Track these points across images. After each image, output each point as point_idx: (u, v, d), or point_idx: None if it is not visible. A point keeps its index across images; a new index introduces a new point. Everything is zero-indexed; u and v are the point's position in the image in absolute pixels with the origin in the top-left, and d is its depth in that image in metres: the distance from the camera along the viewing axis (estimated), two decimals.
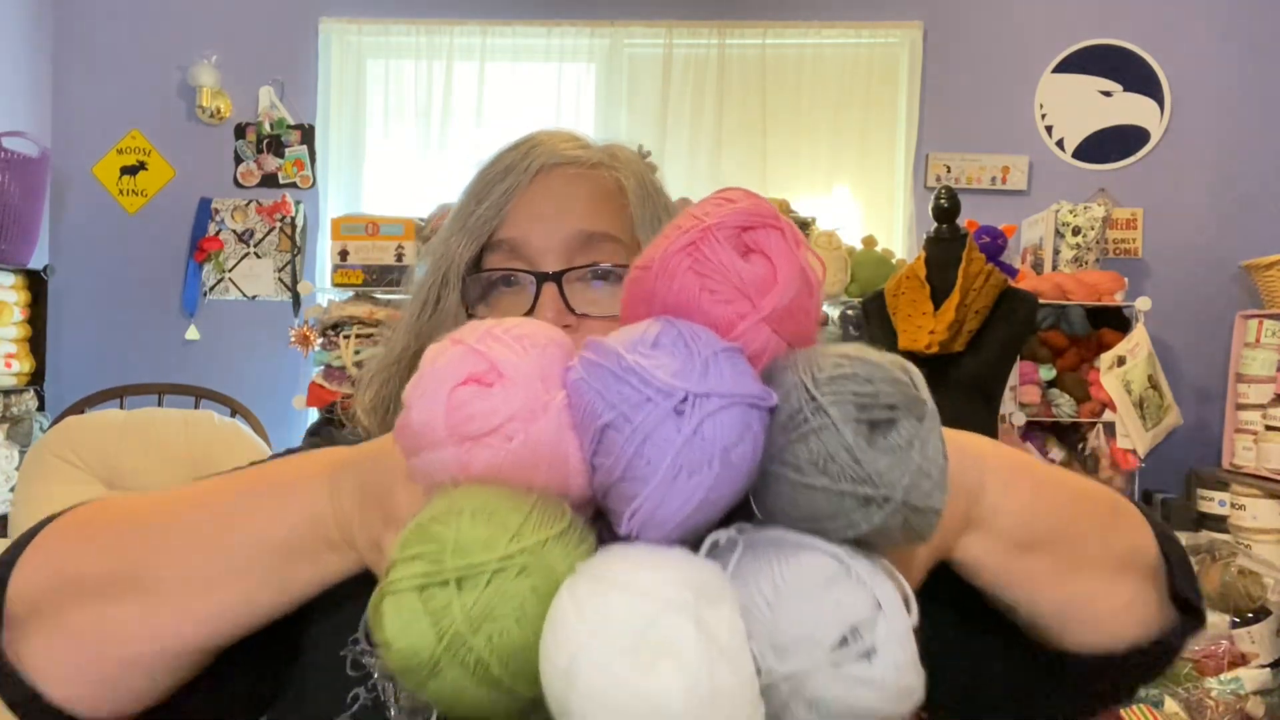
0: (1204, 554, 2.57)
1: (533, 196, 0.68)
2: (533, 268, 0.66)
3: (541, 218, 0.67)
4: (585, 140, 0.73)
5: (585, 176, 0.69)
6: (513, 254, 0.67)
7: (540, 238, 0.66)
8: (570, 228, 0.66)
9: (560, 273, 0.65)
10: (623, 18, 3.46)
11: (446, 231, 0.70)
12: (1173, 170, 3.37)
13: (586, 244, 0.66)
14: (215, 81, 3.45)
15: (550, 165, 0.69)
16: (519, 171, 0.68)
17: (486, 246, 0.67)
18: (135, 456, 2.66)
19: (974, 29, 3.45)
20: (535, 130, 0.73)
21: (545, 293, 0.65)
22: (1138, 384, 2.77)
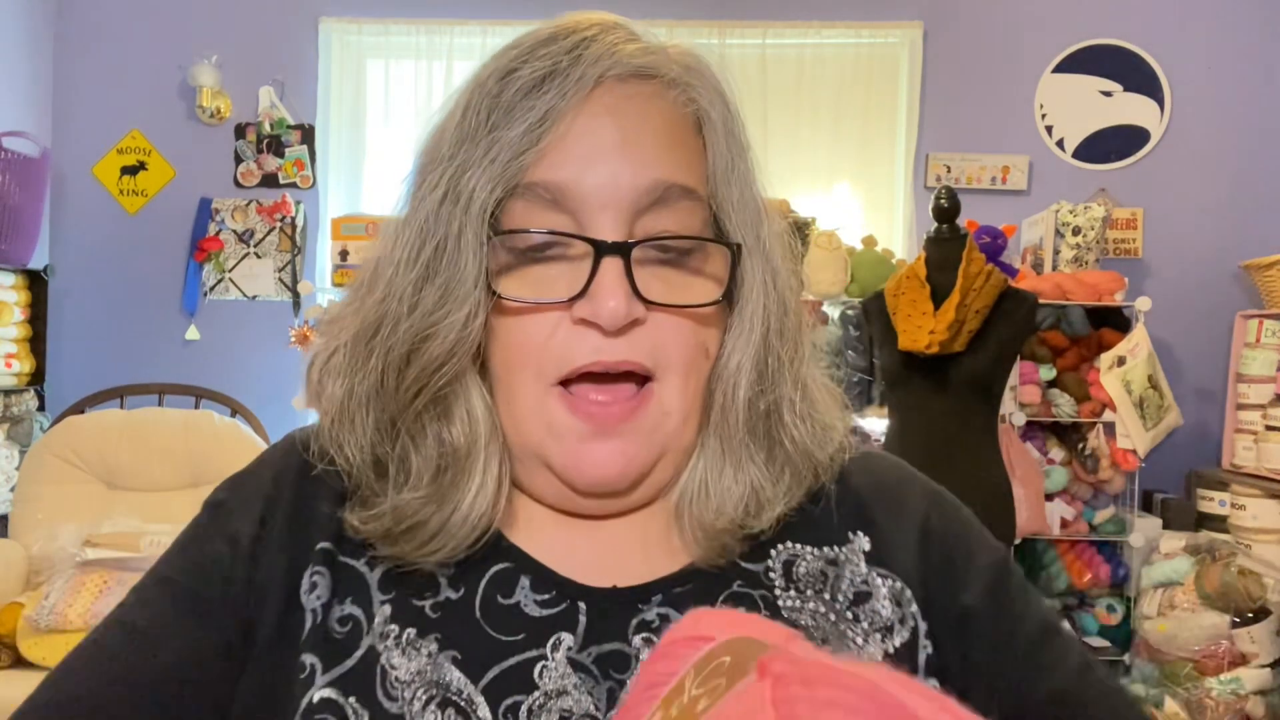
0: (1204, 554, 2.58)
1: (587, 121, 0.47)
2: (582, 228, 0.47)
3: (602, 156, 0.47)
4: (650, 40, 0.52)
5: (656, 98, 0.49)
6: (555, 205, 0.47)
7: (598, 187, 0.47)
8: (643, 176, 0.47)
9: (629, 244, 0.47)
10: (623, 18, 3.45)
11: (445, 155, 0.49)
12: (1173, 170, 3.37)
13: (661, 201, 0.48)
14: (215, 81, 3.45)
15: (613, 77, 0.48)
16: (567, 80, 0.47)
17: (513, 190, 0.48)
18: (135, 456, 2.66)
19: (974, 29, 3.45)
20: (574, 17, 0.52)
21: (606, 270, 0.47)
22: (1138, 384, 2.78)
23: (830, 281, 2.92)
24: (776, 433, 0.53)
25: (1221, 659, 2.42)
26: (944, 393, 2.24)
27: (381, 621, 0.50)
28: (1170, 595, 2.56)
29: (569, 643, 0.49)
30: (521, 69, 0.48)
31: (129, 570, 2.30)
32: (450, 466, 0.50)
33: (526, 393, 0.49)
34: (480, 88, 0.50)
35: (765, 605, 0.52)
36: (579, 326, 0.48)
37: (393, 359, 0.49)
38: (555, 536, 0.53)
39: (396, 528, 0.49)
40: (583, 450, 0.49)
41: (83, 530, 2.40)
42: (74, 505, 2.54)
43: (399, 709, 0.47)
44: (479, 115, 0.48)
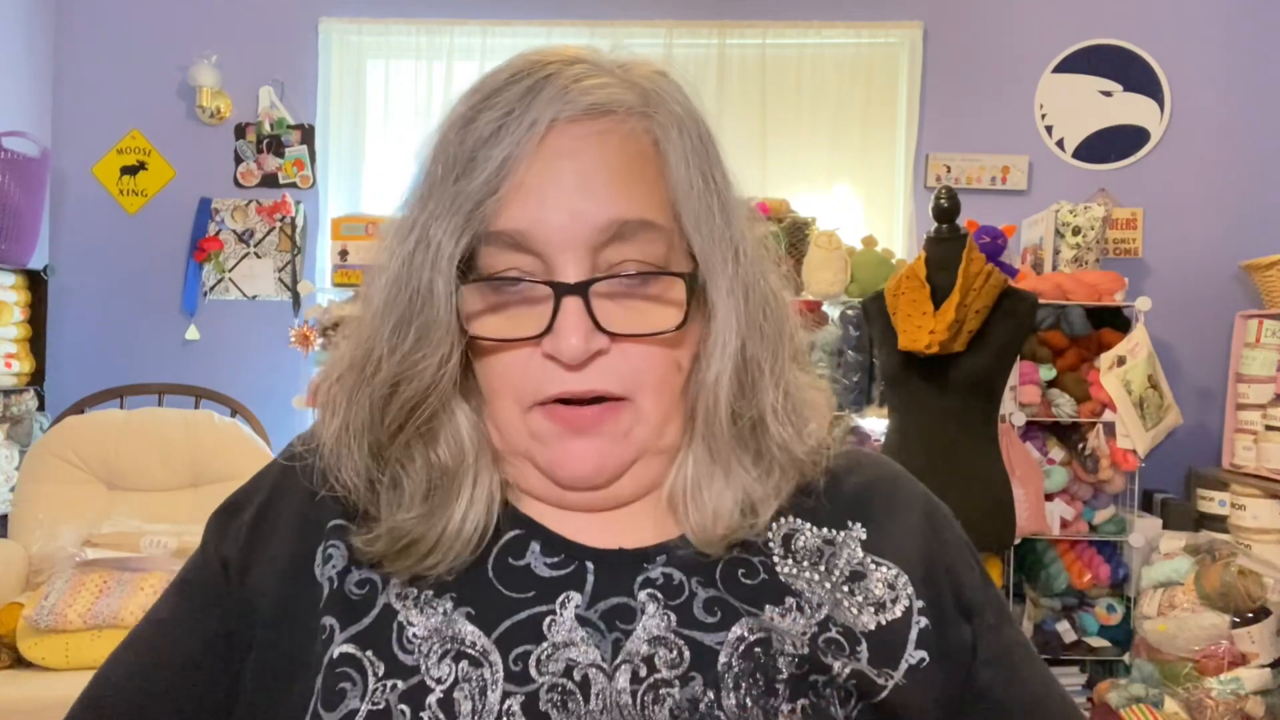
0: (1204, 554, 2.58)
1: (543, 166, 0.49)
2: (546, 270, 0.50)
3: (558, 201, 0.49)
4: (603, 65, 0.52)
5: (610, 132, 0.51)
6: (517, 249, 0.50)
7: (556, 229, 0.49)
8: (597, 215, 0.49)
9: (586, 284, 0.50)
10: (623, 17, 3.46)
11: (417, 207, 0.52)
12: (1173, 170, 3.37)
13: (618, 236, 0.50)
14: (215, 81, 3.45)
15: (564, 119, 0.50)
16: (519, 127, 0.49)
17: (479, 236, 0.50)
18: (135, 456, 2.66)
19: (974, 29, 3.45)
20: (533, 50, 0.53)
21: (567, 309, 0.49)
22: (1138, 384, 2.78)
23: (830, 281, 2.92)
24: (762, 437, 0.56)
25: (1221, 659, 2.42)
26: (944, 393, 2.24)
27: (399, 583, 0.54)
28: (1170, 595, 2.56)
29: (577, 601, 0.53)
30: (479, 118, 0.50)
31: (129, 570, 2.30)
32: (440, 486, 0.54)
33: (508, 412, 0.54)
34: (444, 137, 0.52)
35: (764, 570, 0.55)
36: (548, 361, 0.52)
37: (376, 397, 0.52)
38: (563, 514, 0.57)
39: (394, 547, 0.53)
40: (561, 449, 0.53)
41: (83, 530, 2.41)
42: (74, 505, 2.54)
43: (414, 660, 0.51)
44: (444, 166, 0.51)
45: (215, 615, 0.57)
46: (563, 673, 0.51)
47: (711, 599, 0.54)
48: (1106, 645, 2.91)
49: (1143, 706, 2.47)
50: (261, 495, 0.60)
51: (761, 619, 0.53)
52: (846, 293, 2.96)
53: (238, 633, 0.56)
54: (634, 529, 0.57)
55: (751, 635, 0.52)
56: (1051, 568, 2.94)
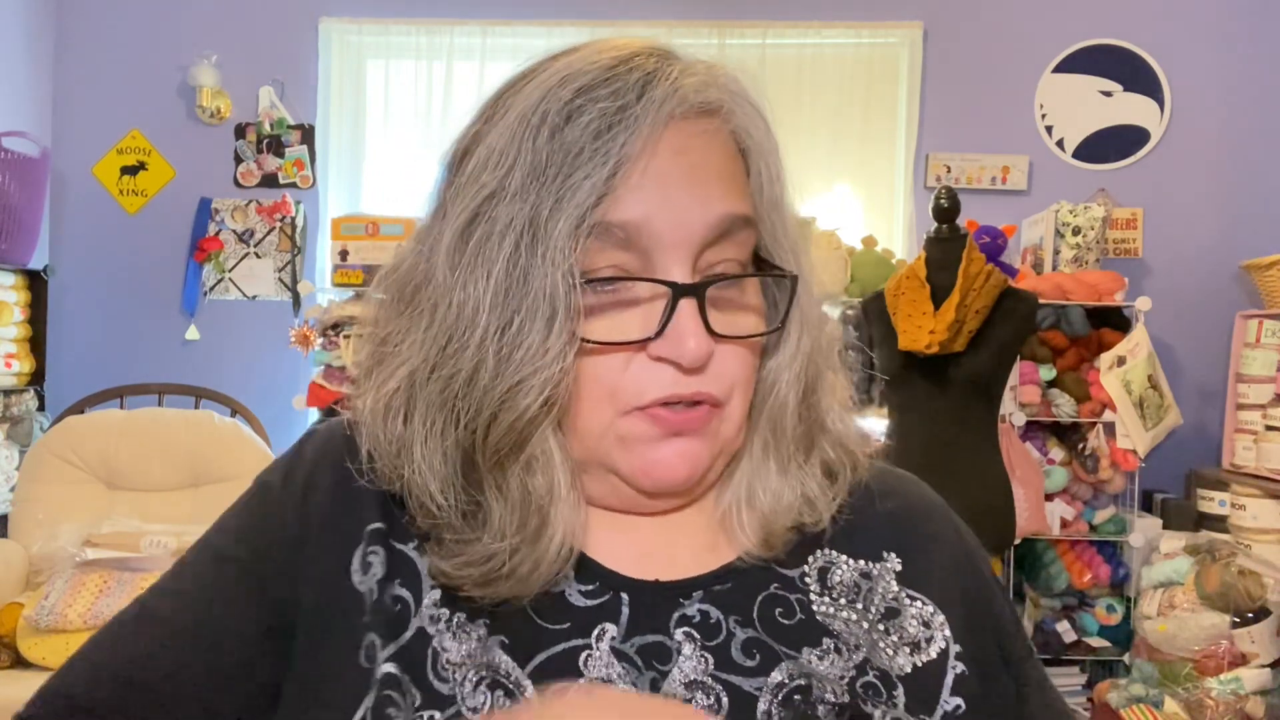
0: (1204, 554, 2.58)
1: (660, 162, 0.47)
2: (647, 269, 0.48)
3: (673, 195, 0.48)
4: (695, 65, 0.51)
5: (713, 133, 0.50)
6: (626, 244, 0.48)
7: (672, 224, 0.48)
8: (709, 212, 0.49)
9: (703, 284, 0.49)
10: (623, 18, 3.46)
11: (521, 199, 0.47)
12: (1173, 170, 3.37)
13: (723, 234, 0.50)
14: (215, 81, 3.45)
15: (679, 115, 0.48)
16: (639, 122, 0.47)
17: (586, 232, 0.47)
18: (135, 456, 2.66)
19: (974, 29, 3.45)
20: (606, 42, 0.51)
21: (683, 310, 0.48)
22: (1138, 384, 2.78)
23: (830, 281, 2.92)
24: (820, 440, 0.57)
25: (1221, 659, 2.42)
26: (944, 393, 2.24)
27: (431, 604, 0.51)
28: (1170, 595, 2.56)
29: (612, 632, 0.51)
30: (589, 108, 0.47)
31: (129, 570, 2.30)
32: (535, 515, 0.50)
33: (598, 418, 0.50)
34: (542, 123, 0.47)
35: (800, 609, 0.54)
36: (656, 363, 0.49)
37: (482, 415, 0.48)
38: (599, 534, 0.55)
39: (491, 575, 0.50)
40: (652, 454, 0.51)
41: (83, 530, 2.41)
42: (74, 505, 2.54)
43: (450, 689, 0.48)
44: (547, 152, 0.47)
45: (263, 604, 0.53)
46: None
47: (750, 640, 0.52)
48: (1106, 645, 2.91)
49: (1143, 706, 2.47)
50: (316, 457, 0.57)
51: (800, 662, 0.51)
52: (846, 293, 2.96)
53: (276, 628, 0.52)
54: (671, 557, 0.55)
55: (791, 681, 0.51)
56: (1051, 568, 2.94)
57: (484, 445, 0.49)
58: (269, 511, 0.56)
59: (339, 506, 0.54)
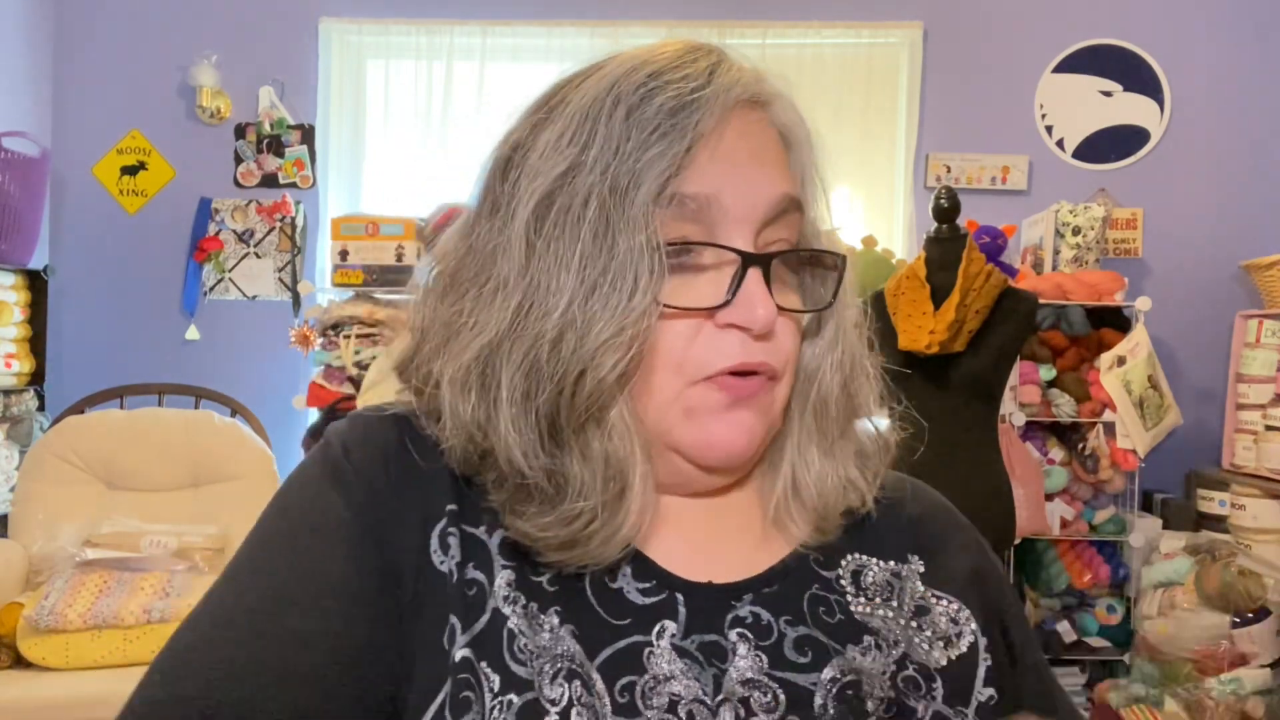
0: (1204, 554, 2.58)
1: (723, 142, 0.51)
2: (716, 236, 0.51)
3: (739, 172, 0.51)
4: (749, 64, 0.55)
5: (770, 122, 0.55)
6: (694, 216, 0.50)
7: (738, 199, 0.51)
8: (773, 189, 0.52)
9: (770, 255, 0.52)
10: (623, 18, 3.46)
11: (595, 165, 0.49)
12: (1173, 170, 3.37)
13: (782, 212, 0.53)
14: (215, 81, 3.45)
15: (745, 100, 0.52)
16: (710, 104, 0.50)
17: (661, 198, 0.49)
18: (135, 456, 2.66)
19: (974, 29, 3.45)
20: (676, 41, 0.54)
21: (752, 278, 0.50)
22: (1138, 384, 2.78)
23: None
24: (856, 425, 0.59)
25: (1221, 659, 2.42)
26: (944, 393, 2.24)
27: (504, 585, 0.52)
28: (1170, 595, 2.56)
29: (672, 630, 0.52)
30: (662, 90, 0.50)
31: (129, 570, 2.30)
32: (616, 477, 0.51)
33: (666, 389, 0.52)
34: (617, 104, 0.50)
35: (839, 609, 0.56)
36: (724, 330, 0.51)
37: (568, 377, 0.49)
38: (651, 530, 0.55)
39: (573, 537, 0.51)
40: (715, 425, 0.52)
41: (83, 530, 2.41)
42: (74, 505, 2.54)
43: (528, 674, 0.49)
44: (622, 130, 0.49)
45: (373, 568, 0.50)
46: (667, 708, 0.50)
47: (801, 638, 0.54)
48: (1106, 645, 2.91)
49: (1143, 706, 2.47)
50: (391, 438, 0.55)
51: (847, 658, 0.53)
52: None
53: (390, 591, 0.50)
54: (723, 557, 0.57)
55: (843, 677, 0.53)
56: (1052, 568, 2.94)
57: (570, 407, 0.50)
58: (353, 476, 0.53)
59: (411, 488, 0.53)
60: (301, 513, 0.52)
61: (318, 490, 0.53)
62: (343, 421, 0.57)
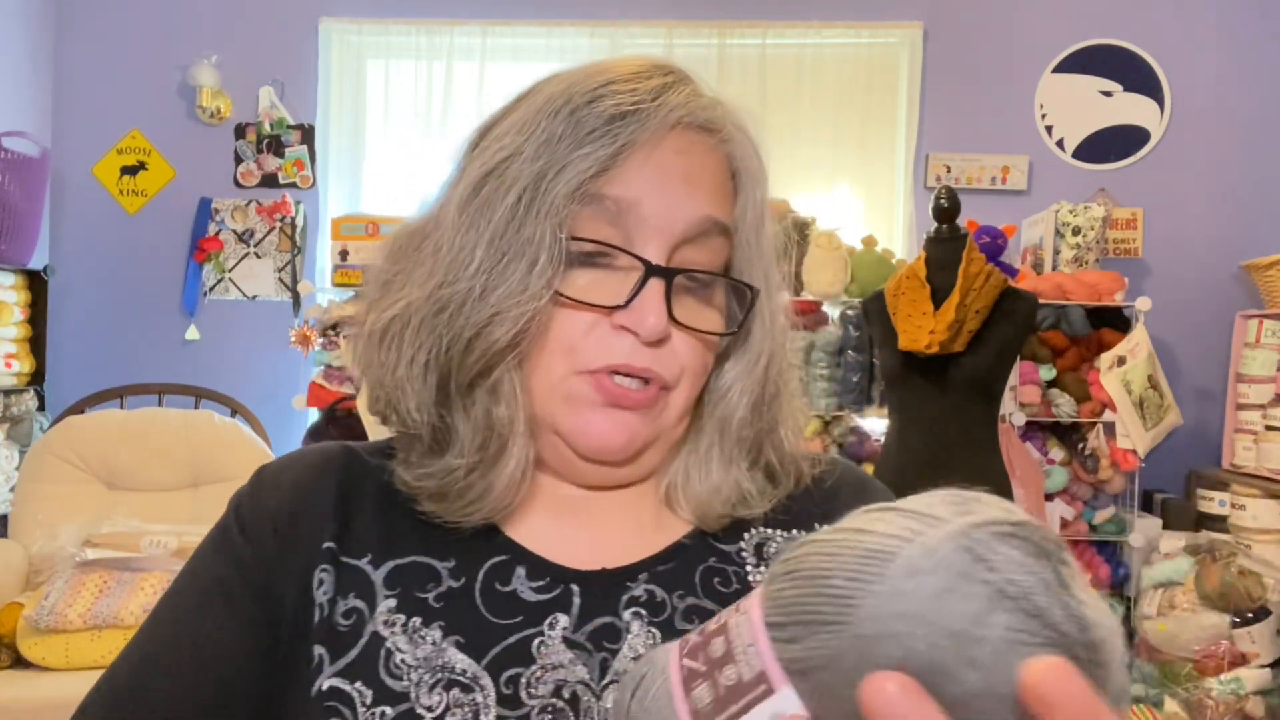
0: (1204, 554, 2.58)
1: (658, 156, 0.53)
2: (631, 244, 0.53)
3: (665, 187, 0.53)
4: (711, 95, 0.57)
5: (713, 150, 0.56)
6: (614, 220, 0.53)
7: (658, 211, 0.53)
8: (694, 210, 0.54)
9: (674, 270, 0.54)
10: (623, 18, 3.46)
11: (531, 160, 0.52)
12: (1173, 170, 3.37)
13: (702, 234, 0.54)
14: (215, 81, 3.45)
15: (686, 123, 0.54)
16: (650, 118, 0.52)
17: (581, 199, 0.52)
18: (135, 456, 2.66)
19: (974, 29, 3.45)
20: (647, 58, 0.57)
21: (651, 289, 0.53)
22: (1138, 384, 2.77)
23: (830, 281, 2.92)
24: (766, 449, 0.61)
25: (1221, 659, 2.42)
26: (944, 393, 2.24)
27: (386, 611, 0.54)
28: (1170, 595, 2.56)
29: (564, 623, 0.54)
30: (608, 97, 0.53)
31: (129, 570, 2.30)
32: (494, 440, 0.54)
33: (554, 371, 0.54)
34: (566, 104, 0.53)
35: (737, 580, 0.58)
36: (617, 331, 0.54)
37: (462, 340, 0.53)
38: (549, 528, 0.58)
39: (444, 488, 0.55)
40: (593, 418, 0.55)
41: (83, 530, 2.40)
42: (74, 505, 2.54)
43: (404, 687, 0.51)
44: (563, 127, 0.53)
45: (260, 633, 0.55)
46: (552, 693, 0.52)
47: (690, 608, 0.56)
48: None
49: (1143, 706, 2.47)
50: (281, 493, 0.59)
51: None
52: (846, 293, 2.96)
53: (268, 650, 0.55)
54: (618, 544, 0.58)
55: None
56: None
57: (460, 367, 0.53)
58: (242, 540, 0.58)
59: (295, 537, 0.57)
60: (192, 578, 0.57)
61: (210, 554, 0.58)
62: (246, 484, 0.61)
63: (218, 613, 0.55)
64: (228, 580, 0.56)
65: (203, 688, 0.53)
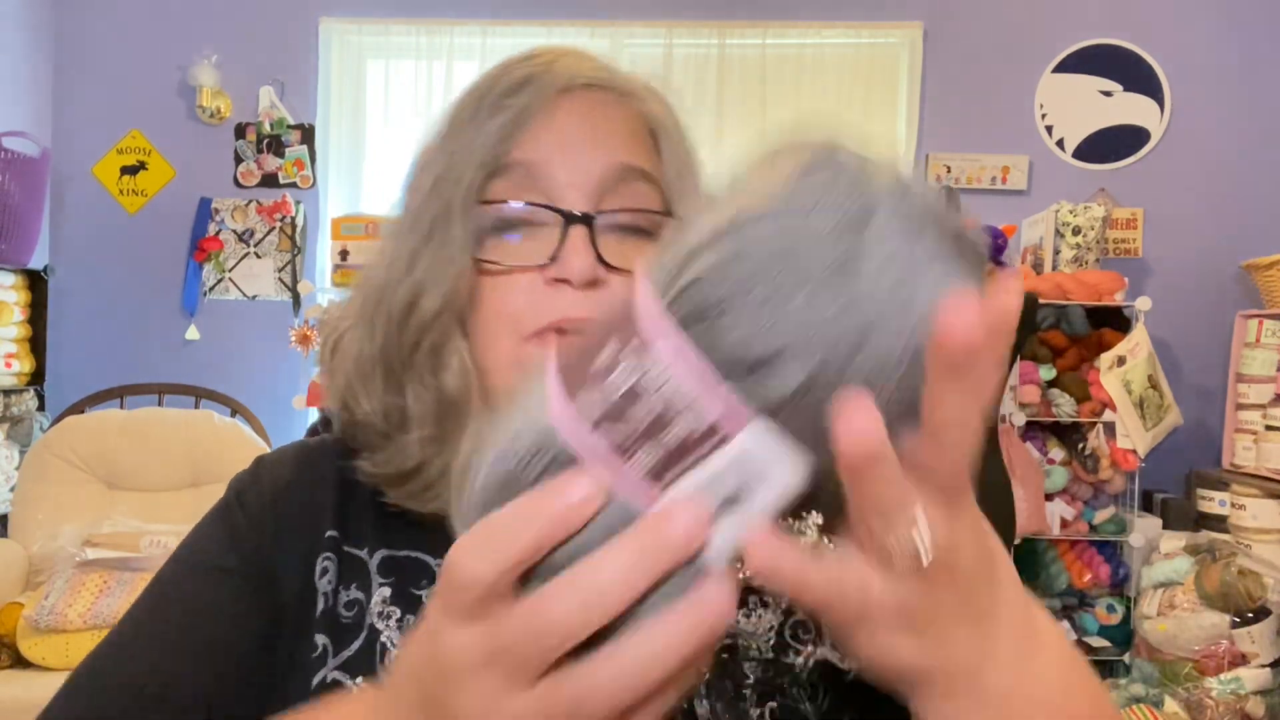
0: (1204, 554, 2.58)
1: (558, 117, 0.55)
2: (554, 202, 0.54)
3: (570, 143, 0.54)
4: (609, 64, 0.60)
5: (616, 104, 0.57)
6: (529, 181, 0.54)
7: (568, 167, 0.54)
8: (606, 159, 0.55)
9: (593, 215, 0.54)
10: (623, 17, 3.46)
11: (443, 148, 0.56)
12: (1173, 170, 3.37)
13: (622, 181, 0.55)
14: (215, 81, 3.45)
15: (579, 85, 0.56)
16: (541, 85, 0.55)
17: (494, 172, 0.54)
18: (135, 456, 2.66)
19: (974, 29, 3.45)
20: (546, 45, 0.60)
21: (573, 237, 0.53)
22: (1138, 384, 2.78)
23: None
24: None
25: (1221, 659, 2.42)
26: None
27: (380, 602, 0.54)
28: (1170, 595, 2.56)
29: None
30: (506, 75, 0.56)
31: (129, 570, 2.30)
32: (449, 414, 0.55)
33: (503, 345, 0.54)
34: (469, 93, 0.57)
35: None
36: (551, 286, 0.53)
37: (394, 317, 0.55)
38: None
39: (402, 469, 0.55)
40: None
41: (83, 530, 2.40)
42: (74, 505, 2.54)
43: None
44: (468, 111, 0.56)
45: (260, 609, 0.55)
46: None
47: None
48: (1106, 645, 2.91)
49: (1143, 706, 2.47)
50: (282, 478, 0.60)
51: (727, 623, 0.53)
52: None
53: (270, 635, 0.54)
54: None
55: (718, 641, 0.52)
56: (1052, 568, 2.94)
57: (396, 346, 0.55)
58: (244, 521, 0.58)
59: (297, 525, 0.57)
60: (192, 565, 0.57)
61: (208, 531, 0.58)
62: (247, 468, 0.62)
63: (213, 583, 0.55)
64: (225, 556, 0.56)
65: (192, 644, 0.52)
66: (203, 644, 0.53)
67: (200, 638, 0.53)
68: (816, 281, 0.28)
